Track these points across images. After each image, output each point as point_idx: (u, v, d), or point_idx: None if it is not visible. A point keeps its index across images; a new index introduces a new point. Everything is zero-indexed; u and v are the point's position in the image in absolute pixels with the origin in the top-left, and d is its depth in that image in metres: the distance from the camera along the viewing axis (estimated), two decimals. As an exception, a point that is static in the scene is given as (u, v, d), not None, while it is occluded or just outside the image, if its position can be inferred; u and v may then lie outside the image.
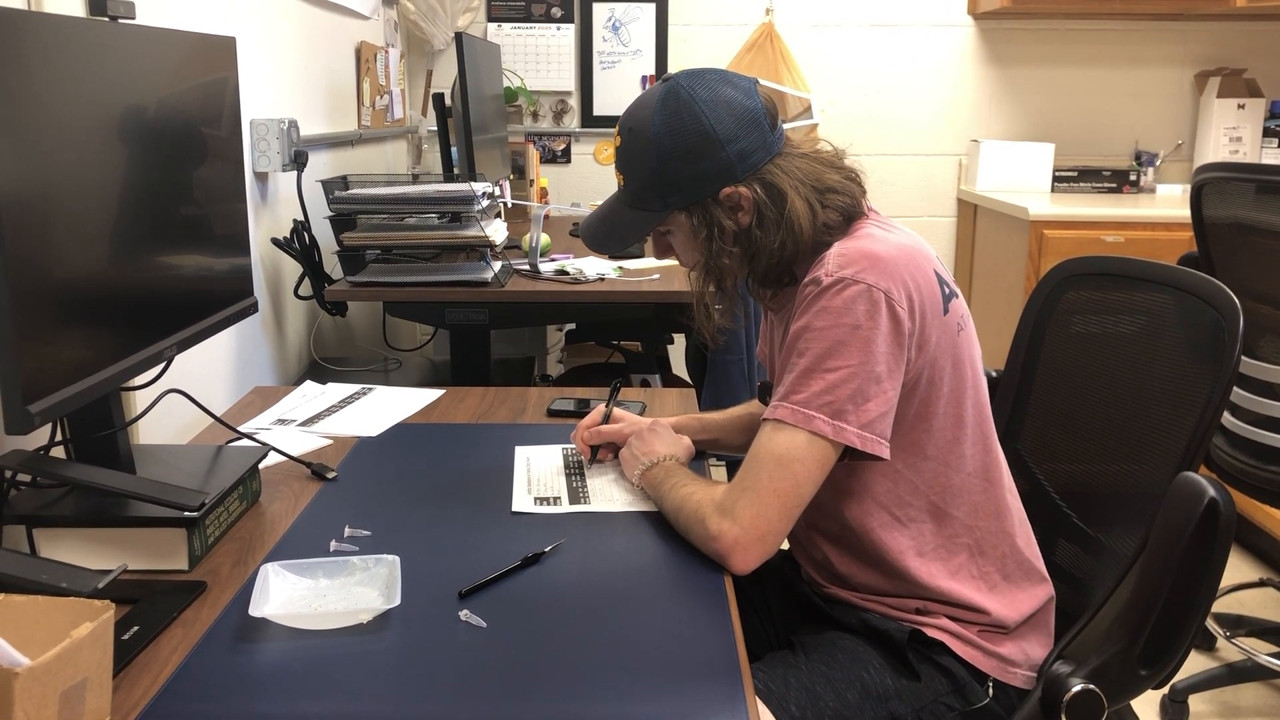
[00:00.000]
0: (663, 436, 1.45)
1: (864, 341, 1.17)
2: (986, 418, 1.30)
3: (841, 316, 1.18)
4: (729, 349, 2.67)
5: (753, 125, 1.25)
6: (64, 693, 0.80)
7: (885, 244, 1.22)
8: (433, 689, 0.97)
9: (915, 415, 1.24)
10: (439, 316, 2.25)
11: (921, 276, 1.22)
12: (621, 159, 1.31)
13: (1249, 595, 2.84)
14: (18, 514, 1.20)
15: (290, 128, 2.22)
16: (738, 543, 1.19)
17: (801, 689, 1.21)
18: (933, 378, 1.23)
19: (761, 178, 1.26)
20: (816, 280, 1.21)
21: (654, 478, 1.37)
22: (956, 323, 1.25)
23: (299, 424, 1.73)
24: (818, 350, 1.19)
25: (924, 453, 1.25)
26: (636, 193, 1.31)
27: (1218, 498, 1.07)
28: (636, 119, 1.29)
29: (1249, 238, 2.15)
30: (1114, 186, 3.81)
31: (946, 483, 1.27)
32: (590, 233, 1.38)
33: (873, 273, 1.18)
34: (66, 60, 1.14)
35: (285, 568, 1.16)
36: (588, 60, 3.85)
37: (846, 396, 1.17)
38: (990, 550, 1.29)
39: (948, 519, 1.27)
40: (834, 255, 1.21)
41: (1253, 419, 2.18)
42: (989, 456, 1.30)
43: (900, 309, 1.18)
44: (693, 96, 1.25)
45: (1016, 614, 1.28)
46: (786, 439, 1.19)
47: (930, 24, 3.84)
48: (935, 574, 1.27)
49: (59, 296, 1.13)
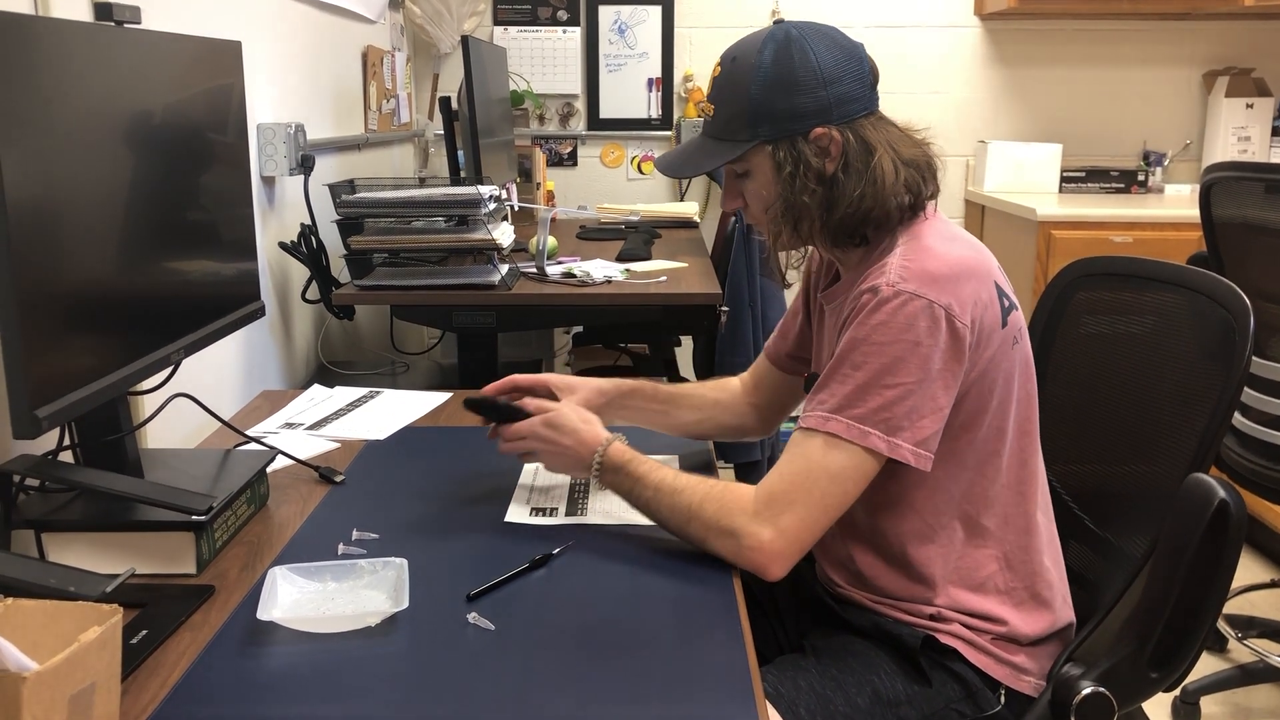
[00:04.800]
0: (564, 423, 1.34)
1: (923, 359, 1.16)
2: (1029, 431, 1.29)
3: (903, 333, 1.16)
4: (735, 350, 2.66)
5: (857, 76, 1.27)
6: (72, 697, 0.80)
7: (946, 259, 1.20)
8: (441, 692, 0.97)
9: (962, 426, 1.22)
10: (446, 320, 2.25)
11: (984, 290, 1.20)
12: (716, 89, 1.29)
13: (1260, 596, 2.83)
14: (26, 518, 1.20)
15: (297, 132, 2.22)
16: (781, 554, 1.17)
17: (811, 692, 1.21)
18: (983, 391, 1.22)
19: (854, 128, 1.26)
20: (875, 289, 1.18)
21: (616, 484, 1.30)
22: (1014, 335, 1.24)
23: (307, 427, 1.74)
24: (875, 366, 1.16)
25: (964, 462, 1.24)
26: (726, 122, 1.28)
27: (1228, 499, 1.07)
28: (742, 48, 1.28)
29: (1258, 237, 2.14)
30: (1122, 187, 3.80)
31: (981, 493, 1.26)
32: (667, 159, 1.35)
33: (934, 288, 1.17)
34: (73, 65, 1.14)
35: (293, 571, 1.16)
36: (594, 63, 3.85)
37: (903, 414, 1.16)
38: (1019, 565, 1.28)
39: (979, 529, 1.26)
40: (896, 265, 1.19)
41: (1263, 419, 2.17)
42: (1025, 471, 1.28)
43: (960, 324, 1.17)
44: (804, 35, 1.25)
45: (1035, 631, 1.27)
46: (842, 456, 1.17)
47: (937, 25, 3.83)
48: (959, 582, 1.26)
49: (66, 301, 1.13)
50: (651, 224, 3.38)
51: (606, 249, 2.86)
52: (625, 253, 2.73)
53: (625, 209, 3.52)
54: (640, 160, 3.93)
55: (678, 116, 3.88)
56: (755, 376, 1.58)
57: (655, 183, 3.95)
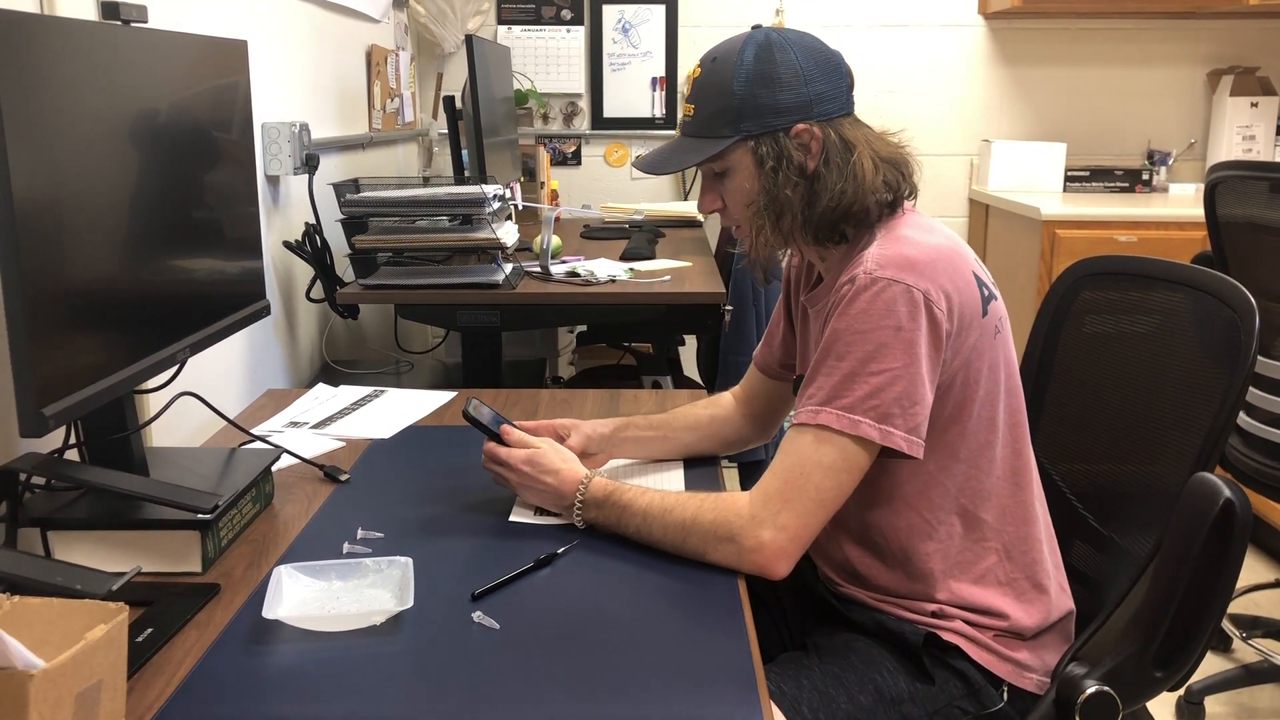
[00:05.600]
0: (545, 462, 1.33)
1: (907, 344, 1.16)
2: (1020, 422, 1.29)
3: (884, 319, 1.16)
4: (739, 349, 2.66)
5: (835, 77, 1.28)
6: (79, 695, 0.80)
7: (923, 246, 1.21)
8: (446, 691, 0.97)
9: (949, 417, 1.23)
10: (450, 319, 2.25)
11: (960, 279, 1.21)
12: (697, 89, 1.30)
13: (1265, 596, 2.83)
14: (32, 516, 1.20)
15: (301, 131, 2.22)
16: (783, 552, 1.18)
17: (814, 691, 1.21)
18: (968, 380, 1.22)
19: (834, 125, 1.27)
20: (853, 279, 1.19)
21: (602, 517, 1.29)
22: (995, 325, 1.24)
23: (311, 426, 1.74)
24: (859, 354, 1.17)
25: (956, 455, 1.25)
26: (707, 120, 1.29)
27: (1234, 499, 1.06)
28: (722, 50, 1.29)
29: (1263, 237, 2.14)
30: (1126, 186, 3.79)
31: (978, 486, 1.26)
32: (647, 159, 1.36)
33: (912, 274, 1.17)
34: (79, 64, 1.14)
35: (298, 570, 1.16)
36: (598, 62, 3.85)
37: (892, 400, 1.16)
38: (1018, 556, 1.28)
39: (977, 522, 1.27)
40: (872, 255, 1.20)
41: (1268, 418, 2.17)
42: (1019, 461, 1.29)
43: (939, 310, 1.17)
44: (784, 37, 1.27)
45: (1036, 622, 1.27)
46: (834, 447, 1.17)
47: (940, 24, 3.83)
48: (959, 577, 1.26)
49: (72, 300, 1.13)
50: (655, 223, 3.38)
51: (610, 248, 2.87)
52: (629, 252, 2.73)
53: (629, 208, 3.52)
54: (644, 159, 3.93)
55: (681, 116, 3.88)
56: (748, 388, 1.58)
57: (659, 182, 3.95)
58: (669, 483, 1.48)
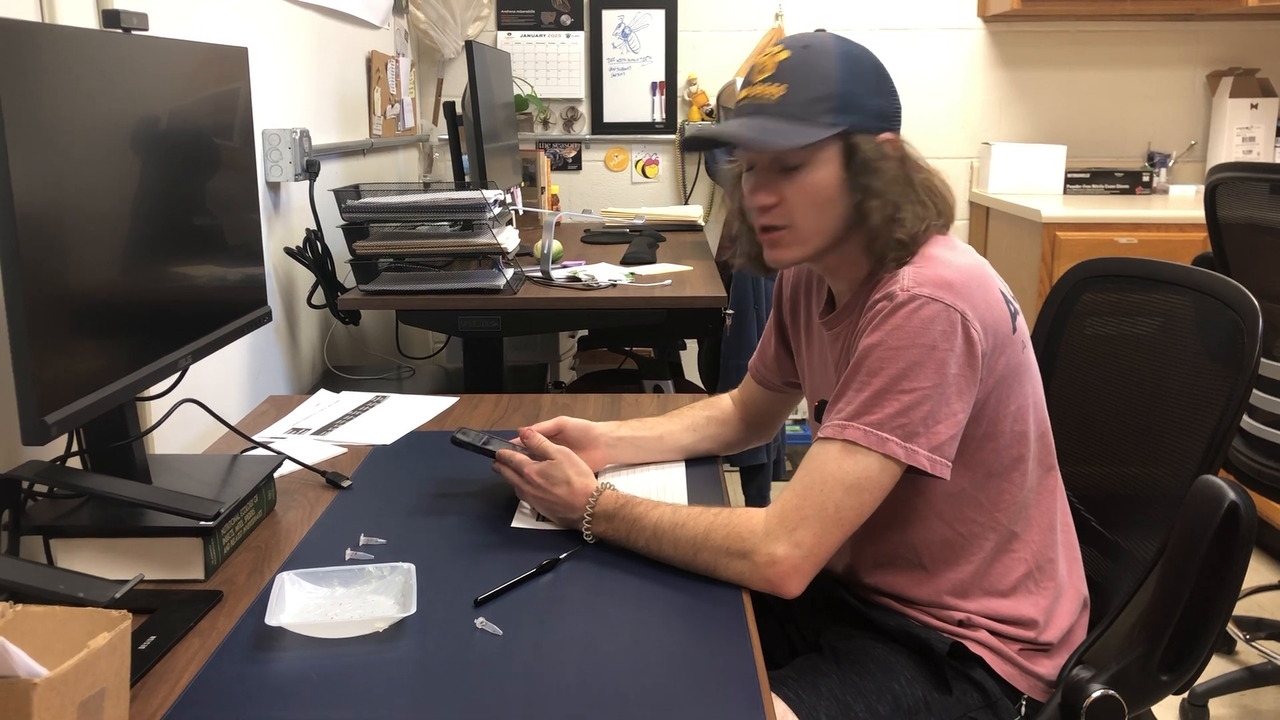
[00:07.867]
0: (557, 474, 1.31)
1: (939, 364, 1.14)
2: (1046, 432, 1.29)
3: (919, 336, 1.14)
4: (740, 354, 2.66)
5: (896, 97, 1.25)
6: (82, 703, 0.80)
7: (956, 266, 1.18)
8: (449, 697, 0.97)
9: (984, 434, 1.21)
10: (452, 324, 2.25)
11: (991, 297, 1.19)
12: (790, 70, 1.21)
13: (1269, 598, 2.82)
14: (34, 524, 1.20)
15: (302, 137, 2.22)
16: (797, 569, 1.15)
17: (832, 698, 1.20)
18: (1002, 397, 1.21)
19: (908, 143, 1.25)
20: (890, 295, 1.17)
21: (612, 530, 1.26)
22: (1022, 340, 1.23)
23: (313, 433, 1.74)
24: (892, 371, 1.15)
25: (989, 470, 1.24)
26: (806, 104, 1.19)
27: (1238, 501, 1.06)
28: (811, 39, 1.23)
29: (1264, 238, 2.14)
30: (1127, 188, 3.79)
31: (1011, 499, 1.25)
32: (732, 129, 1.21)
33: (950, 293, 1.15)
34: (80, 72, 1.14)
35: (301, 576, 1.16)
36: (598, 67, 3.85)
37: (920, 419, 1.14)
38: (1048, 566, 1.27)
39: (1010, 535, 1.26)
40: (908, 274, 1.18)
41: (1271, 420, 2.16)
42: (1046, 471, 1.28)
43: (975, 331, 1.15)
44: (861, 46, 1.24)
45: (1061, 628, 1.27)
46: (859, 464, 1.15)
47: (940, 27, 3.83)
48: (990, 588, 1.26)
49: (74, 307, 1.13)
50: (656, 227, 3.38)
51: (611, 252, 2.87)
52: (630, 256, 2.73)
53: (629, 212, 3.52)
54: (644, 164, 3.94)
55: (681, 120, 3.88)
56: (745, 395, 1.58)
57: (659, 186, 3.95)
58: (670, 483, 1.47)
